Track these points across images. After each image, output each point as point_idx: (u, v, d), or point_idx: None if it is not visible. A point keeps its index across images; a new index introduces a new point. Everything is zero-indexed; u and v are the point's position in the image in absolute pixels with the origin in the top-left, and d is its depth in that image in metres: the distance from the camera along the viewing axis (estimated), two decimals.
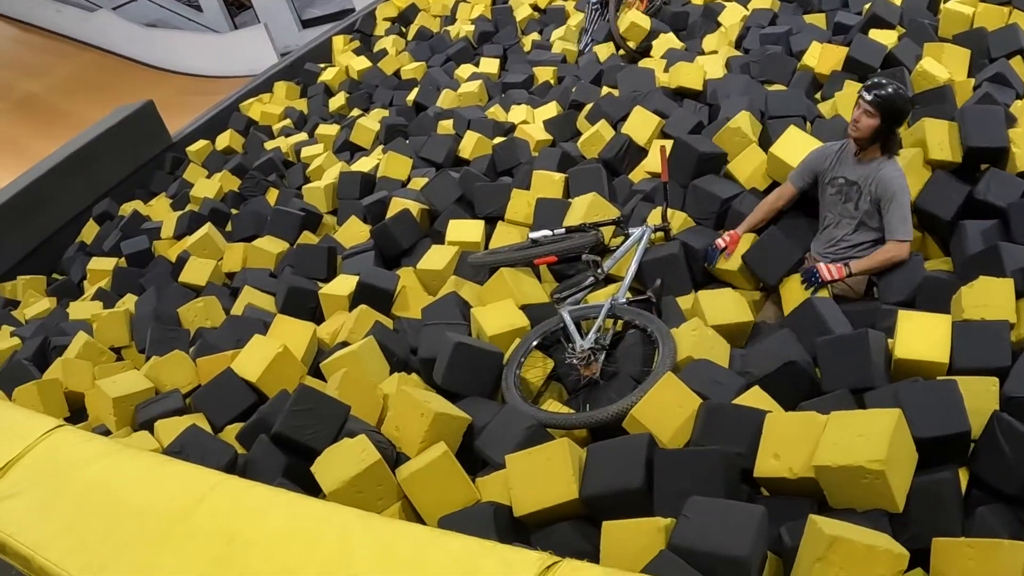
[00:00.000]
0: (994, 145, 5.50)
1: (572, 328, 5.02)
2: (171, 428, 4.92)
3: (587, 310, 5.22)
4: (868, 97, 5.00)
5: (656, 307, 5.39)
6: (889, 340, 4.40)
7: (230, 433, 5.05)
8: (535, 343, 5.10)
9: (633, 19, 10.15)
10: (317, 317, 6.47)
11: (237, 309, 6.81)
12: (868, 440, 3.34)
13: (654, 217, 6.00)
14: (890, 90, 4.96)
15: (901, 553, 2.91)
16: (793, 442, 3.61)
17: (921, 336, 4.23)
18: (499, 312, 5.37)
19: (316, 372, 5.58)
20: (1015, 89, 6.48)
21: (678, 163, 6.27)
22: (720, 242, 5.60)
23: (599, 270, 5.50)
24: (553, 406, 4.82)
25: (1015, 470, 3.46)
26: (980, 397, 3.79)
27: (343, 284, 6.42)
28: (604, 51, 10.30)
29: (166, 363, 5.80)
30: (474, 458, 4.48)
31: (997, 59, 6.91)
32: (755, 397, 4.10)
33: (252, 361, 5.31)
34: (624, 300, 5.27)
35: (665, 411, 4.08)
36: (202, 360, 5.74)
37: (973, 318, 4.38)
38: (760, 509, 3.21)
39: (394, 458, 4.32)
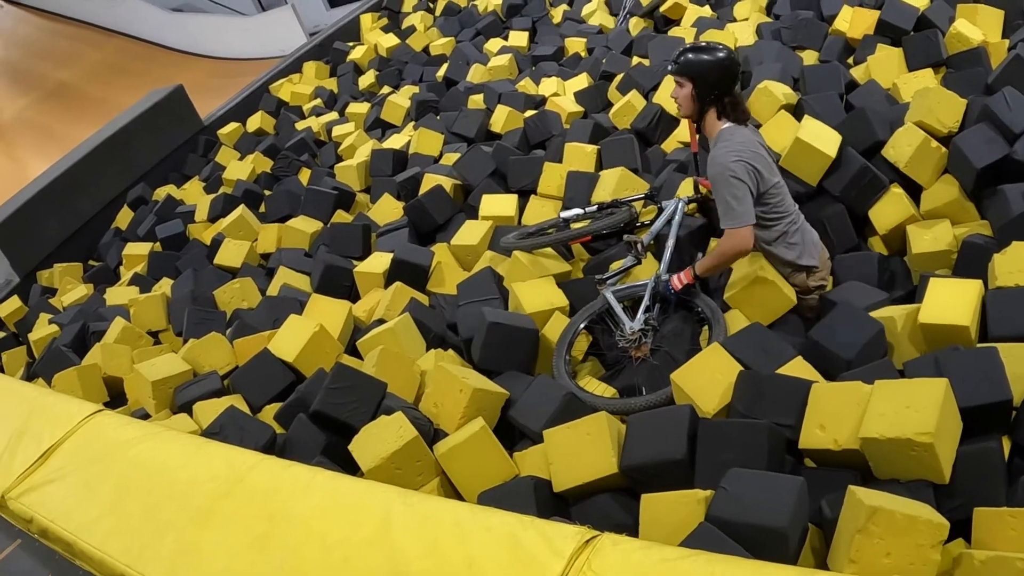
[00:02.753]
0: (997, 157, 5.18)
1: (619, 310, 4.89)
2: (210, 410, 4.93)
3: (632, 289, 5.07)
4: (670, 68, 4.69)
5: (701, 283, 5.19)
6: (917, 306, 4.29)
7: (268, 413, 5.05)
8: (582, 326, 5.04)
9: None
10: (353, 295, 6.48)
11: (273, 290, 6.82)
12: (916, 411, 3.25)
13: (685, 188, 5.88)
14: (690, 55, 4.54)
15: (941, 523, 2.84)
16: (838, 413, 3.54)
17: (947, 301, 4.12)
18: (538, 290, 5.32)
19: (352, 350, 5.57)
20: None
21: None
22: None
23: (639, 247, 5.19)
24: (592, 384, 4.79)
25: None
26: (1021, 364, 3.67)
27: (378, 261, 6.41)
28: (635, 25, 10.20)
29: (203, 345, 5.81)
30: (511, 431, 4.47)
31: None
32: (798, 367, 4.01)
33: (289, 341, 5.31)
34: (667, 277, 4.97)
35: (707, 378, 4.02)
36: (239, 341, 5.76)
37: (1007, 284, 4.27)
38: (799, 480, 3.16)
39: (431, 434, 4.31)
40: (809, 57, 7.53)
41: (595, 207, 5.76)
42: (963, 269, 4.75)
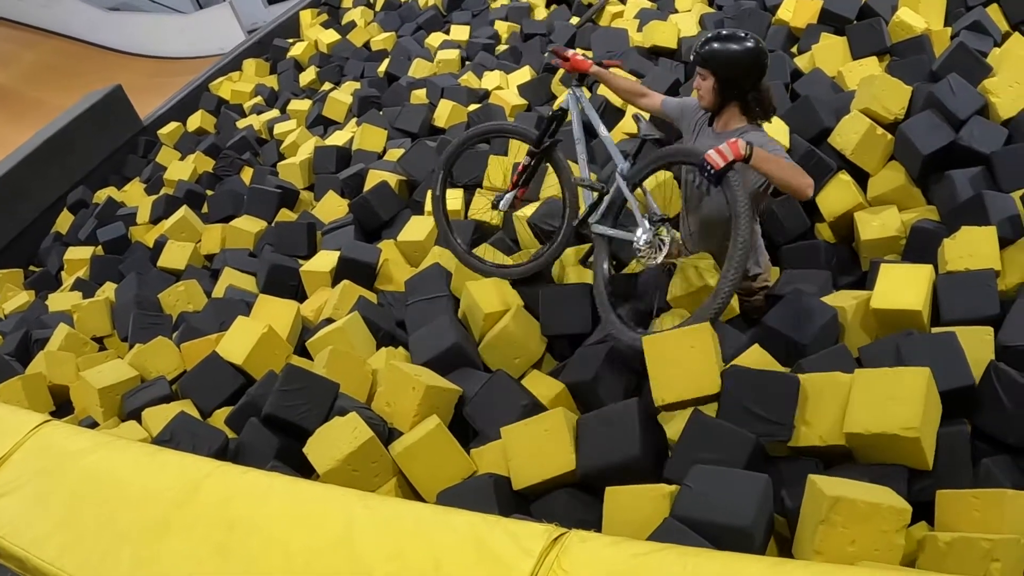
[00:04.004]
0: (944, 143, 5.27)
1: (621, 234, 4.56)
2: (159, 416, 4.85)
3: (610, 204, 4.72)
4: (693, 58, 4.37)
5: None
6: (868, 292, 4.35)
7: (219, 418, 4.98)
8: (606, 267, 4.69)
9: None
10: (300, 295, 6.43)
11: (218, 291, 6.75)
12: (900, 404, 3.27)
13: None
14: (715, 44, 4.25)
15: (904, 508, 2.86)
16: (820, 407, 3.54)
17: (898, 286, 4.15)
18: (493, 288, 5.21)
19: (302, 351, 5.51)
20: (992, 36, 6.44)
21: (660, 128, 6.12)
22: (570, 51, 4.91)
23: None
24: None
25: (1015, 420, 3.43)
26: (976, 347, 3.74)
27: (324, 260, 6.38)
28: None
29: (150, 350, 5.71)
30: (465, 428, 4.45)
31: (974, 7, 6.88)
32: (756, 355, 3.96)
33: (237, 343, 5.24)
34: (629, 163, 4.61)
35: (676, 364, 3.88)
36: (186, 345, 5.68)
37: (957, 269, 4.34)
38: (763, 478, 3.15)
39: (386, 434, 4.27)
40: None
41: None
42: (913, 254, 4.82)
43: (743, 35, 4.28)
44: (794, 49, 7.43)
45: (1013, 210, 4.57)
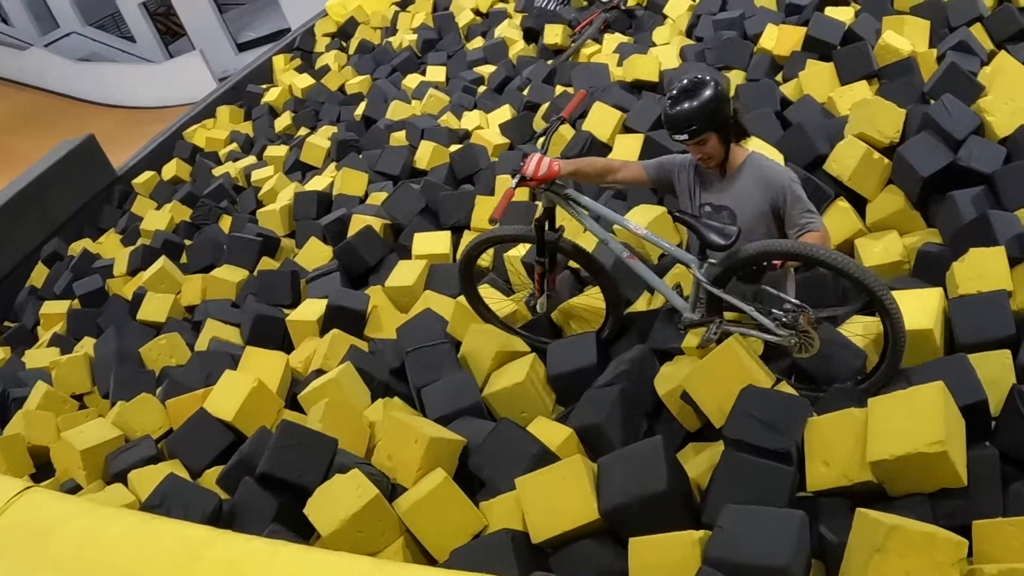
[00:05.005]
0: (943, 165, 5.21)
1: (762, 336, 4.12)
2: (147, 478, 4.65)
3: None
4: (684, 136, 3.97)
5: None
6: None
7: (210, 478, 4.77)
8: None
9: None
10: (286, 345, 6.24)
11: (202, 344, 6.54)
12: (919, 421, 3.22)
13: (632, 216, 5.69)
14: (696, 104, 3.91)
15: (960, 541, 2.81)
16: (839, 445, 3.45)
17: (908, 310, 3.99)
18: (493, 337, 5.09)
19: (293, 403, 5.34)
20: (979, 56, 6.46)
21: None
22: (529, 165, 4.31)
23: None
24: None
25: None
26: (995, 371, 3.72)
27: (311, 308, 6.20)
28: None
29: (133, 408, 5.50)
30: (471, 479, 4.27)
31: (957, 28, 6.92)
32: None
33: (226, 399, 5.04)
34: (698, 261, 4.16)
35: (720, 386, 3.90)
36: (172, 402, 5.47)
37: (969, 292, 4.28)
38: (800, 515, 3.06)
39: (389, 490, 4.09)
40: (736, 77, 7.50)
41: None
42: (920, 278, 4.75)
43: (699, 80, 4.01)
44: (778, 77, 7.35)
45: (1019, 228, 4.54)
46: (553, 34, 10.28)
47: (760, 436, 3.58)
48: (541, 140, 4.60)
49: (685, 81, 4.02)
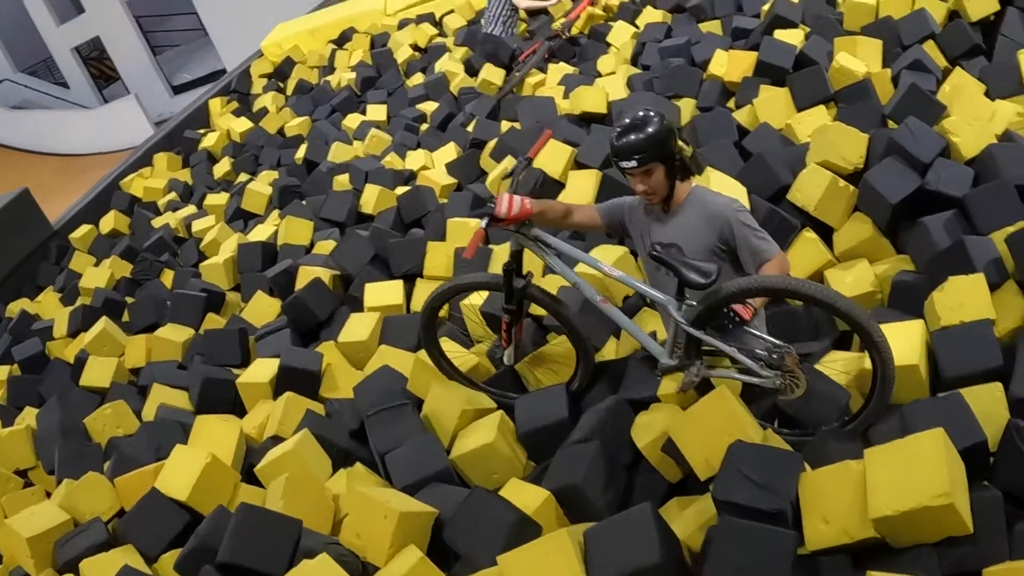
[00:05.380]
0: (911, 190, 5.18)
1: (746, 379, 4.03)
2: (99, 567, 4.41)
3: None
4: (632, 164, 3.90)
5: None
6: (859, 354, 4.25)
7: (167, 563, 4.50)
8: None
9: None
10: (238, 408, 5.99)
11: (149, 412, 6.25)
12: (922, 472, 3.14)
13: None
14: (641, 136, 3.86)
15: None
16: (837, 501, 3.33)
17: (892, 345, 3.88)
18: (458, 395, 4.91)
19: (249, 474, 5.11)
20: (934, 74, 6.45)
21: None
22: (502, 205, 4.16)
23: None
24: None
25: None
26: (988, 405, 3.65)
27: (262, 369, 5.95)
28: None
29: (82, 488, 5.20)
30: (445, 551, 4.06)
31: (910, 46, 6.86)
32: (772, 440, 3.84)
33: (179, 476, 4.78)
34: (677, 303, 4.01)
35: (708, 435, 3.79)
36: (121, 480, 5.17)
37: (951, 323, 4.20)
38: None
39: (361, 570, 3.89)
40: (687, 105, 7.39)
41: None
42: (897, 308, 4.65)
43: (643, 114, 3.95)
44: (731, 103, 7.26)
45: (995, 253, 4.53)
46: (492, 75, 10.16)
47: (752, 496, 3.43)
48: (508, 181, 4.44)
49: (639, 113, 3.96)
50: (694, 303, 3.93)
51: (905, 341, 4.03)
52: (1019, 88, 6.13)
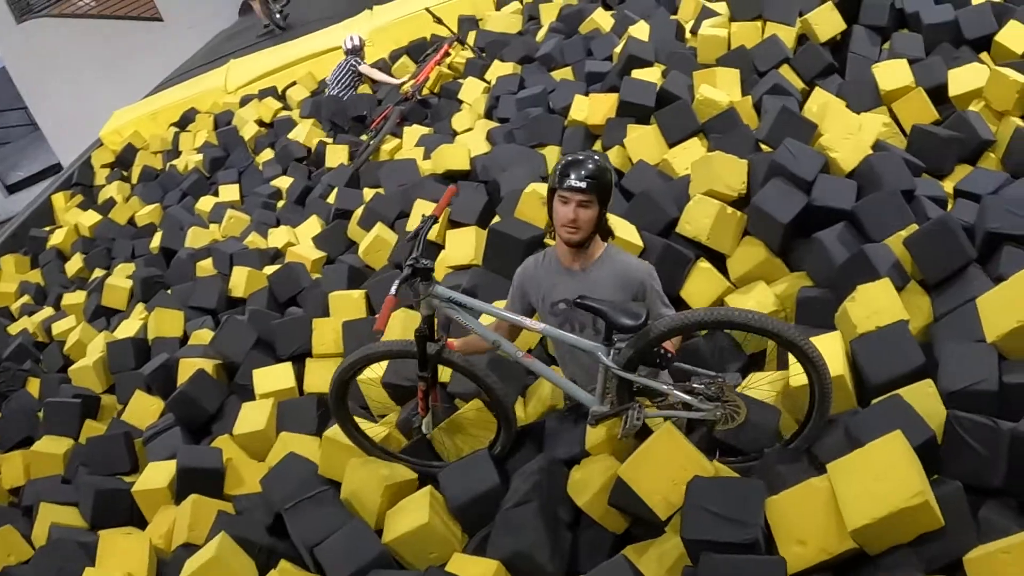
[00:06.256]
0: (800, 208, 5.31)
1: (655, 384, 3.94)
2: None
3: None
4: (581, 184, 3.79)
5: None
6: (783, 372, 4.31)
7: None
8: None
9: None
10: (136, 519, 5.65)
11: (39, 534, 5.81)
12: (893, 476, 3.23)
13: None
14: (592, 167, 3.83)
15: None
16: (809, 520, 3.37)
17: None
18: (381, 467, 4.72)
19: None
20: (794, 96, 6.65)
21: (504, 255, 5.74)
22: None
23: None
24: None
25: (994, 462, 3.45)
26: (924, 403, 3.72)
27: (158, 473, 5.61)
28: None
29: None
30: None
31: (767, 72, 7.08)
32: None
33: None
34: (605, 347, 3.90)
35: (662, 475, 3.74)
36: None
37: (867, 329, 4.30)
38: None
39: None
40: (551, 153, 7.44)
41: None
42: (806, 324, 4.73)
43: (594, 156, 3.96)
44: (597, 146, 7.31)
45: (893, 257, 4.74)
46: (335, 156, 10.07)
47: (723, 531, 3.40)
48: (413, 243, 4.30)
49: (590, 154, 3.97)
50: (624, 346, 3.85)
51: (827, 354, 3.97)
52: (878, 100, 6.40)
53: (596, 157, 3.95)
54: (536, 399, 5.00)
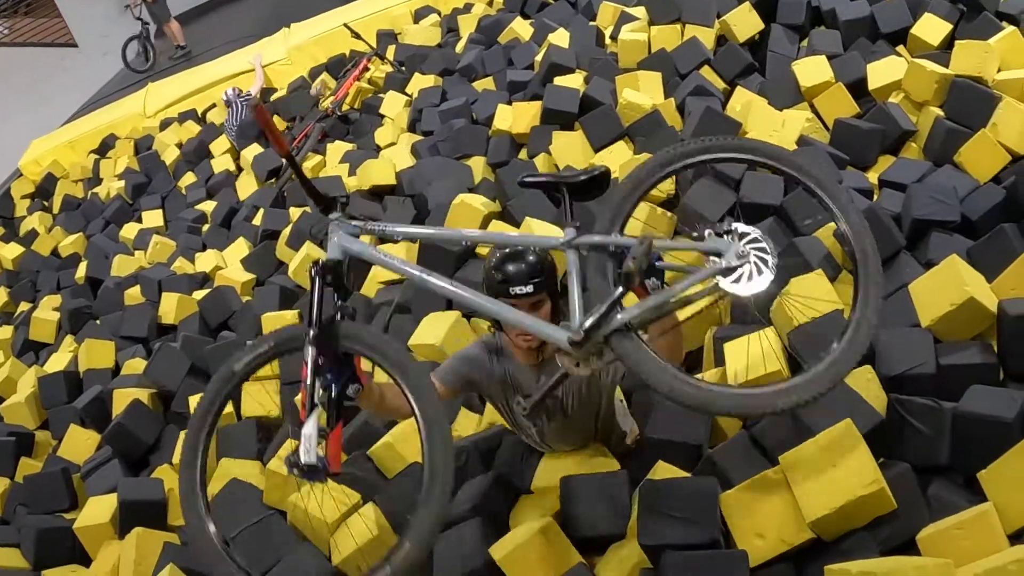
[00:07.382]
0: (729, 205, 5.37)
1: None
2: None
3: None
4: (528, 290, 3.38)
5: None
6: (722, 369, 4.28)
7: None
8: None
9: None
10: (79, 556, 5.55)
11: None
12: (847, 464, 3.24)
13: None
14: (526, 261, 3.41)
15: (945, 562, 2.84)
16: (765, 513, 3.37)
17: (752, 359, 4.07)
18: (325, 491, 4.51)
19: None
20: (717, 96, 6.68)
21: (436, 267, 5.58)
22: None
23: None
24: None
25: (937, 442, 3.50)
26: (865, 389, 3.74)
27: (99, 508, 5.52)
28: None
29: None
30: None
31: (688, 74, 7.09)
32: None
33: None
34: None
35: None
36: None
37: (804, 321, 4.27)
38: None
39: None
40: (477, 163, 7.43)
41: None
42: (741, 323, 4.73)
43: (520, 249, 3.50)
44: (523, 155, 7.31)
45: (823, 249, 4.76)
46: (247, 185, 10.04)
47: (681, 533, 3.36)
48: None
49: (510, 251, 3.49)
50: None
51: (761, 350, 4.06)
52: (799, 97, 6.45)
53: (525, 253, 3.47)
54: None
